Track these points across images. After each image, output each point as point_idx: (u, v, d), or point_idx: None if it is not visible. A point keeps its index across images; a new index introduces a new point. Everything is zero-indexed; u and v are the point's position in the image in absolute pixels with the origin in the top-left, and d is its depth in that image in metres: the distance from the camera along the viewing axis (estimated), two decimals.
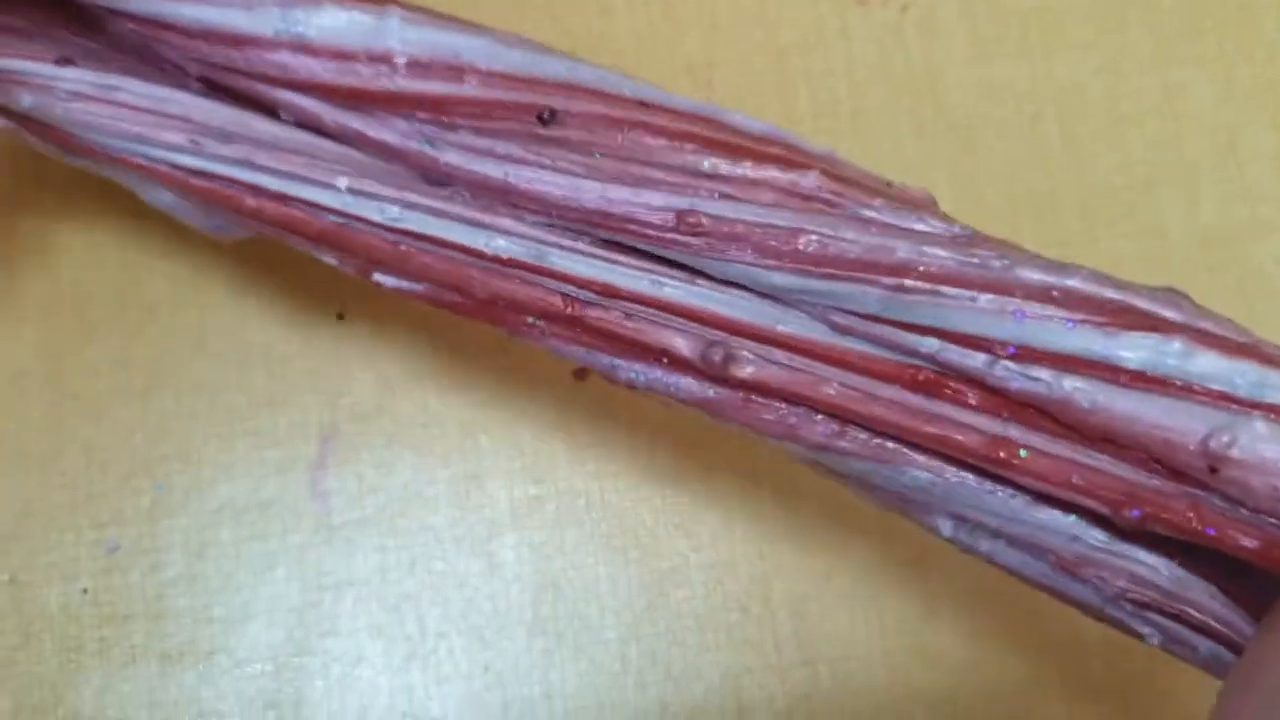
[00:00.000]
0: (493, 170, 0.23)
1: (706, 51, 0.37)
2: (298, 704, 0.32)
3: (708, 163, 0.23)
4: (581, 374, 0.34)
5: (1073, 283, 0.21)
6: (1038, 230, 0.35)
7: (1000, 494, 0.22)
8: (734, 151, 0.23)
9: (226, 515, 0.34)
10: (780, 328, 0.23)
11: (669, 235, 0.23)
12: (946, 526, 0.23)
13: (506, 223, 0.24)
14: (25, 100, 0.25)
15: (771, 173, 0.23)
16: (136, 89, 0.25)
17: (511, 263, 0.23)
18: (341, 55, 0.24)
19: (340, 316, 0.35)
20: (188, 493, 0.34)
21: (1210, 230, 0.36)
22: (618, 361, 0.23)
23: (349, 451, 0.34)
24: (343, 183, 0.24)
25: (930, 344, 0.22)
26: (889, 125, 0.36)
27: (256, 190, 0.24)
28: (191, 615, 0.33)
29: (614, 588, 0.33)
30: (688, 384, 0.23)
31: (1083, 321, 0.21)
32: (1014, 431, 0.21)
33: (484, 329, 0.31)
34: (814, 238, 0.22)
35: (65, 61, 0.26)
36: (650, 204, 0.23)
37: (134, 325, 0.35)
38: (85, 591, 0.33)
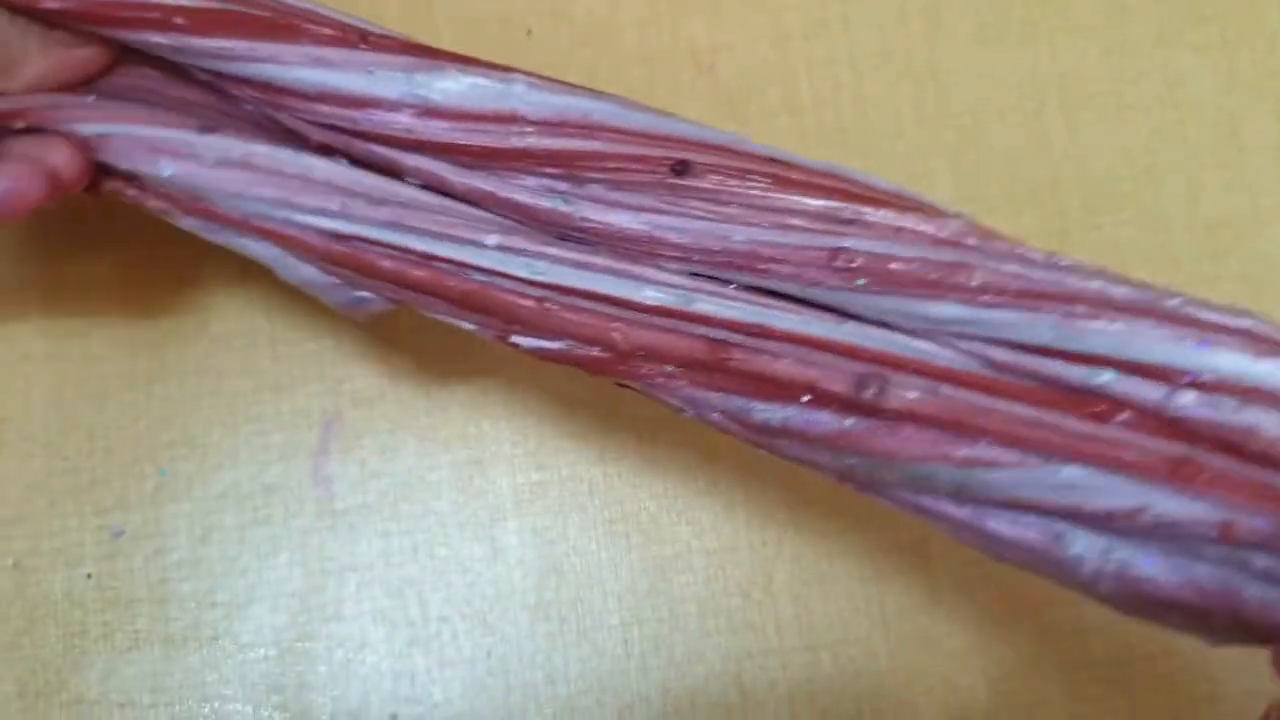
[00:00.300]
0: (630, 221, 0.24)
1: (709, 36, 0.37)
2: (301, 688, 0.33)
3: (849, 210, 0.23)
4: None
5: (1247, 322, 0.22)
6: (1040, 218, 0.35)
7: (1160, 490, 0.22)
8: (872, 201, 0.23)
9: (230, 500, 0.34)
10: (936, 362, 0.23)
11: (821, 274, 0.23)
12: (1079, 543, 0.22)
13: (653, 272, 0.24)
14: (166, 169, 0.26)
15: (913, 220, 0.23)
16: (280, 155, 0.25)
17: (659, 310, 0.24)
18: (467, 117, 0.24)
19: None
20: (191, 478, 0.34)
21: (1212, 219, 0.36)
22: (754, 403, 0.24)
23: (352, 437, 0.34)
24: (491, 240, 0.24)
25: (1104, 375, 0.22)
26: (891, 112, 0.36)
27: (401, 252, 0.25)
28: (195, 600, 0.33)
29: (616, 573, 0.33)
30: (825, 419, 0.23)
31: (1267, 355, 0.21)
32: (1193, 454, 0.22)
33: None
34: (978, 272, 0.22)
35: (208, 129, 0.26)
36: (799, 245, 0.23)
37: (137, 312, 0.35)
38: (89, 576, 0.33)
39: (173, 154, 0.26)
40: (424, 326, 0.35)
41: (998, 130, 0.36)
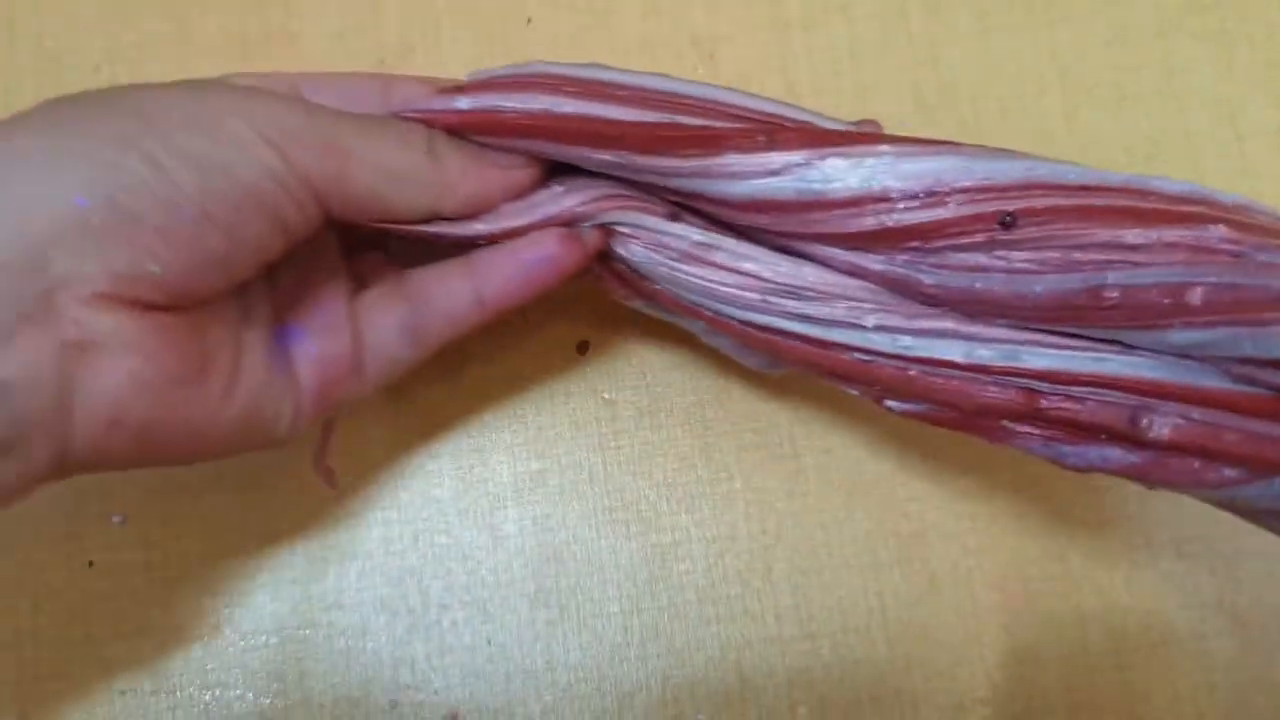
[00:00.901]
0: (962, 282, 0.25)
1: (710, 25, 0.37)
2: (301, 675, 0.33)
3: (1128, 235, 0.24)
4: (583, 347, 0.35)
5: None
6: None
7: None
8: (1150, 218, 0.24)
9: (232, 488, 0.34)
10: (1192, 384, 0.24)
11: (1087, 315, 0.24)
12: None
13: (983, 330, 0.26)
14: (637, 253, 0.28)
15: (1180, 233, 0.24)
16: (728, 246, 0.27)
17: (989, 369, 0.25)
18: (850, 202, 0.25)
19: None
20: (192, 466, 0.34)
21: None
22: (1063, 448, 0.25)
23: (352, 426, 0.34)
24: (870, 321, 0.26)
25: None
26: (891, 101, 0.36)
27: (803, 340, 0.27)
28: (197, 588, 0.33)
29: (616, 561, 0.33)
30: (1116, 455, 0.25)
31: None
32: None
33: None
34: (1200, 290, 0.23)
35: (674, 216, 0.28)
36: (1070, 287, 0.24)
37: None
38: (91, 564, 0.33)
39: (643, 241, 0.28)
40: None
41: (998, 120, 0.36)
